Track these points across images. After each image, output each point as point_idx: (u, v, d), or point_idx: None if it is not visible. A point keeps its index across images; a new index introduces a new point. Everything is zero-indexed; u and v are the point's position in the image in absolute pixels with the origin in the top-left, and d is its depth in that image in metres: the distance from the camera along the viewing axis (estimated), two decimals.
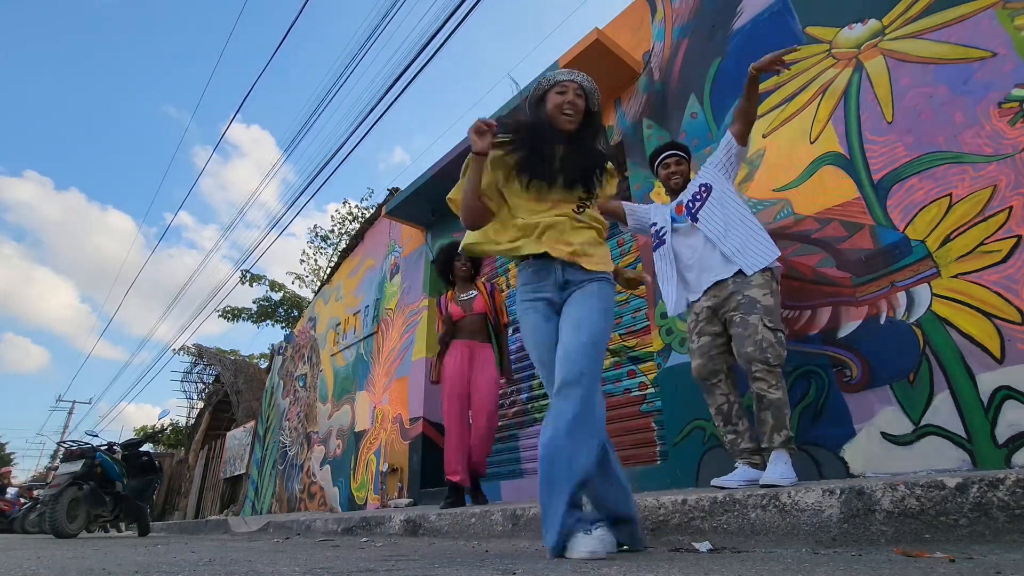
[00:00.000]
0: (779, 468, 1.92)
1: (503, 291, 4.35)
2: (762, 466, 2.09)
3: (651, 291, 3.28)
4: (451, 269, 3.54)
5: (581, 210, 1.60)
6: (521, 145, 1.60)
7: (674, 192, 2.54)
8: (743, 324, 2.09)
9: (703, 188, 2.35)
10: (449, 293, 3.55)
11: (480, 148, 1.55)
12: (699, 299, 2.31)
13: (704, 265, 2.28)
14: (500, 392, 4.91)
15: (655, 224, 2.51)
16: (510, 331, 4.68)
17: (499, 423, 3.89)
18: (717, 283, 2.23)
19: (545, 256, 1.54)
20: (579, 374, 1.37)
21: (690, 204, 2.37)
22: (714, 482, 2.16)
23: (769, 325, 2.06)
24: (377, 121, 6.17)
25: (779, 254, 2.16)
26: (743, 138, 2.32)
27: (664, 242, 2.45)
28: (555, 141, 1.59)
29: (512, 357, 4.51)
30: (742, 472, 2.13)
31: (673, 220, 2.42)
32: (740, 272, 2.16)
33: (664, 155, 2.56)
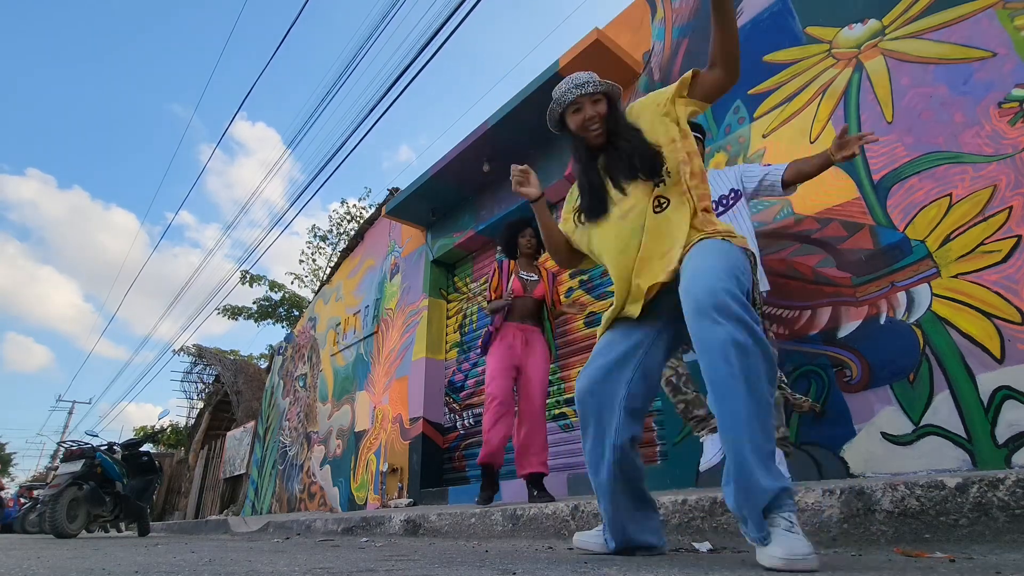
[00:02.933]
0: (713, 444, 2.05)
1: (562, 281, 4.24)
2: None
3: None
4: (516, 244, 3.41)
5: (659, 205, 1.39)
6: (580, 191, 1.55)
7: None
8: None
9: (732, 193, 2.38)
10: (512, 264, 3.39)
11: (532, 195, 1.57)
12: None
13: None
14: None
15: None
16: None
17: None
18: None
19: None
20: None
21: (723, 198, 2.38)
22: (702, 467, 2.28)
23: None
24: (379, 119, 6.17)
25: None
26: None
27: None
28: (594, 161, 1.52)
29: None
30: (712, 443, 2.19)
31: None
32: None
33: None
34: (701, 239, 1.32)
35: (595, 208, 1.49)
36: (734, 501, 1.13)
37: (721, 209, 2.36)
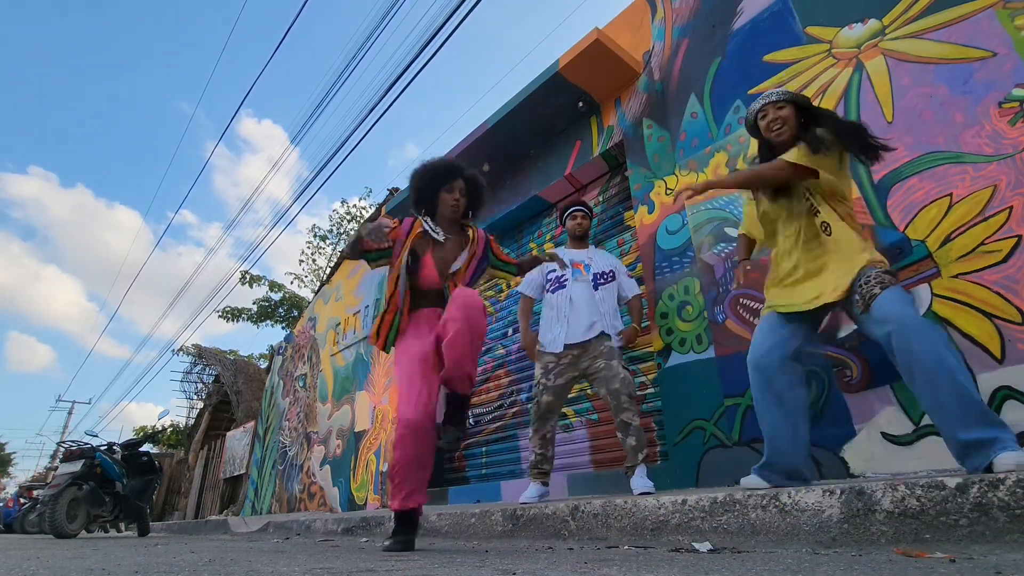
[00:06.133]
0: (642, 480, 2.52)
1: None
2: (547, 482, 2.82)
3: (651, 292, 3.29)
4: (434, 197, 2.20)
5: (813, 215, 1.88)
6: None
7: (578, 240, 3.12)
8: (608, 367, 2.69)
9: (610, 272, 3.00)
10: (416, 227, 2.15)
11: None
12: (567, 348, 2.81)
13: (585, 320, 2.82)
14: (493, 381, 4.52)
15: (553, 272, 3.02)
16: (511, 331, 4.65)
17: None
18: (585, 341, 2.78)
19: None
20: None
21: (596, 276, 2.96)
22: (521, 499, 2.69)
23: (625, 366, 2.78)
24: (381, 117, 6.17)
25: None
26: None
27: (564, 287, 2.94)
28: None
29: (512, 357, 4.51)
30: (536, 489, 2.76)
31: (575, 273, 2.96)
32: (603, 334, 2.79)
33: (572, 209, 3.14)
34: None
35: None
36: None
37: (602, 281, 2.94)
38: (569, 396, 3.19)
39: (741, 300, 2.82)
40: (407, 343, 2.03)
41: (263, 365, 13.58)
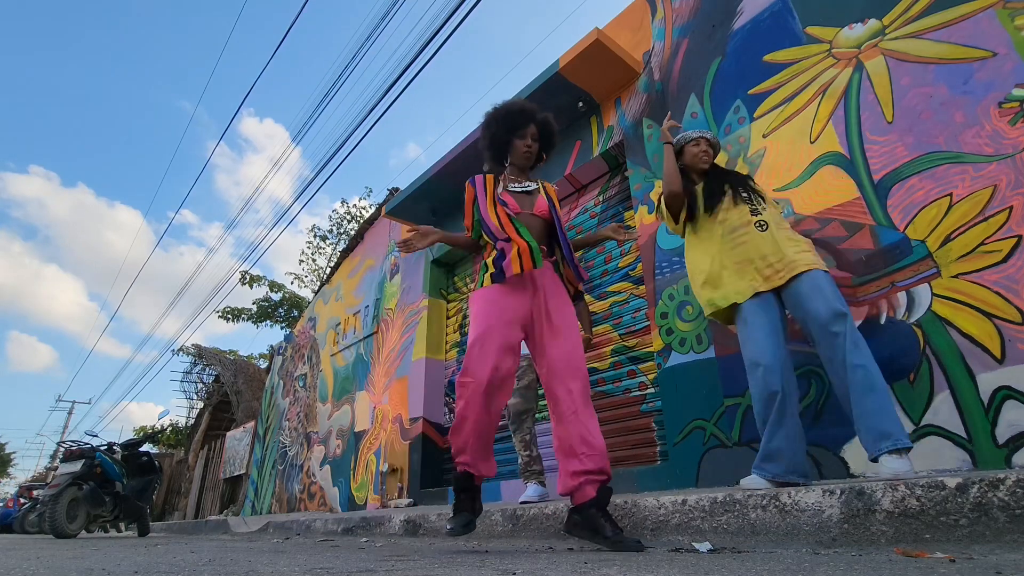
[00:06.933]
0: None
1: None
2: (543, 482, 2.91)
3: (651, 292, 3.28)
4: (508, 147, 2.12)
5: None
6: None
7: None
8: None
9: None
10: (489, 179, 2.12)
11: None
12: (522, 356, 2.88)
13: None
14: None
15: None
16: None
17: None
18: None
19: None
20: None
21: None
22: (521, 499, 2.76)
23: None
24: (379, 119, 6.17)
25: None
26: None
27: None
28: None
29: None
30: (534, 490, 2.80)
31: None
32: None
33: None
34: None
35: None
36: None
37: None
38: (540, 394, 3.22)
39: None
40: (495, 298, 1.88)
41: (263, 365, 13.58)
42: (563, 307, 1.91)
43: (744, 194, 2.18)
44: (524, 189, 2.10)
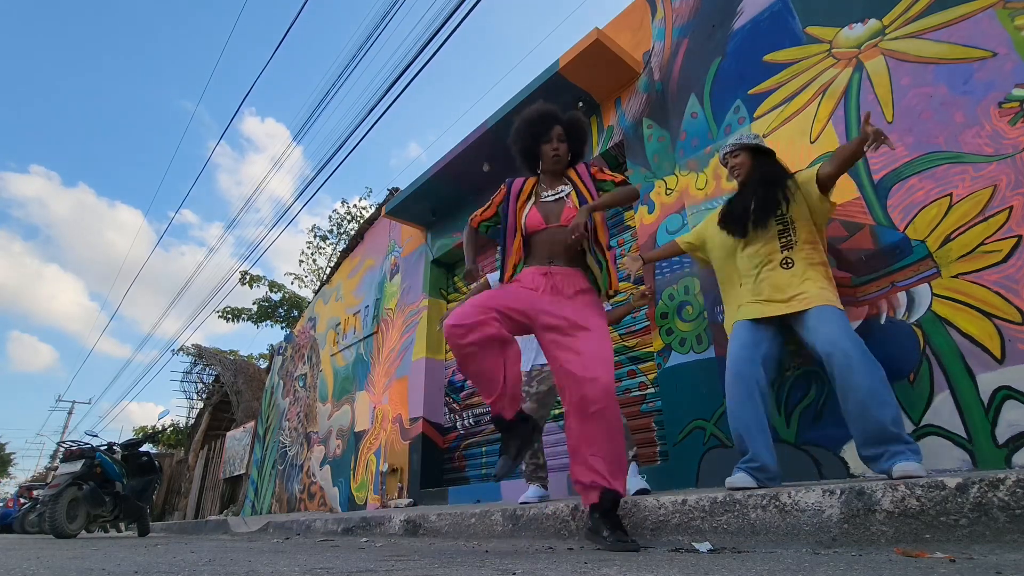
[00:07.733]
0: (635, 479, 2.60)
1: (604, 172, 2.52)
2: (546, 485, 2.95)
3: (651, 293, 3.28)
4: (536, 153, 2.16)
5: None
6: None
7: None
8: None
9: None
10: (528, 184, 2.14)
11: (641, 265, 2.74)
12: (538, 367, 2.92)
13: None
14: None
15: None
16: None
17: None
18: None
19: None
20: None
21: None
22: (521, 499, 2.77)
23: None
24: (379, 119, 6.17)
25: None
26: None
27: None
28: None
29: None
30: (534, 491, 2.86)
31: None
32: None
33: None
34: None
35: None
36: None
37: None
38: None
39: None
40: (508, 287, 1.96)
41: (263, 365, 13.58)
42: (582, 311, 1.90)
43: (781, 225, 2.18)
44: (555, 196, 2.07)
